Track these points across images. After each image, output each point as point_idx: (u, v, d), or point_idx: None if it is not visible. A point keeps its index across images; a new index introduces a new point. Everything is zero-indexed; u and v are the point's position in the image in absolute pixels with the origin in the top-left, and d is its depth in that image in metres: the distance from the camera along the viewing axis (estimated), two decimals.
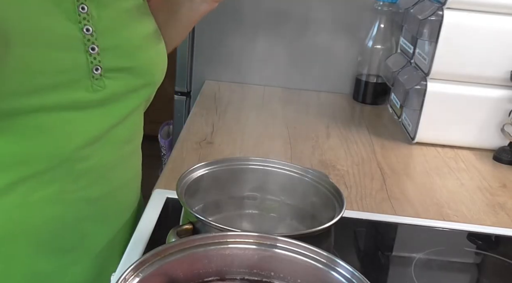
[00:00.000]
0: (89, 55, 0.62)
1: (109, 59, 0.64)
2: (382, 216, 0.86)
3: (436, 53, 1.08)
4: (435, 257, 0.77)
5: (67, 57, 0.60)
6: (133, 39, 0.69)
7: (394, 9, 1.30)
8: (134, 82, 0.69)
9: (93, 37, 0.62)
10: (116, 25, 0.66)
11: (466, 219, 0.87)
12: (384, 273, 0.75)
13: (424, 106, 1.12)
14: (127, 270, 0.49)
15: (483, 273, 0.80)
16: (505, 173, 1.07)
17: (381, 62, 1.36)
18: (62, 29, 0.60)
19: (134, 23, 0.69)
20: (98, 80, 0.63)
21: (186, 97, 1.48)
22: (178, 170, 0.82)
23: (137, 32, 0.70)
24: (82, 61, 0.61)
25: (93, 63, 0.62)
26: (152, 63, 0.71)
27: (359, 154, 1.09)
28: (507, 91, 1.11)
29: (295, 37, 1.40)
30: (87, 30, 0.61)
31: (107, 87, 0.64)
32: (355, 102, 1.41)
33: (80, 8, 0.61)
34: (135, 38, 0.69)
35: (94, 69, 0.62)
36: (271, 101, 1.36)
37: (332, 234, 0.71)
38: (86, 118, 0.63)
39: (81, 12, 0.61)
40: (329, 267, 0.53)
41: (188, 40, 1.42)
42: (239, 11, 1.39)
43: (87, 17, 0.61)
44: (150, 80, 0.71)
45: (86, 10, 0.61)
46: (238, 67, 1.44)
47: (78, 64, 0.61)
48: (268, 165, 0.81)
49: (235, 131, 1.14)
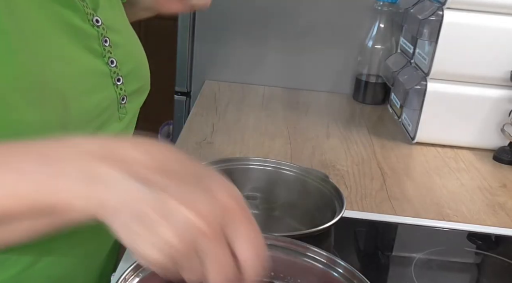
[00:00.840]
0: (116, 87, 0.60)
1: (130, 85, 0.63)
2: (382, 216, 0.86)
3: (436, 53, 1.08)
4: (435, 257, 0.77)
5: (101, 97, 0.58)
6: (141, 57, 0.68)
7: (394, 9, 1.30)
8: (142, 97, 0.68)
9: (117, 68, 0.60)
10: (128, 48, 0.65)
11: (466, 219, 0.87)
12: (384, 273, 0.75)
13: (424, 106, 1.12)
14: (127, 270, 0.49)
15: (483, 273, 0.80)
16: (505, 173, 1.07)
17: (381, 62, 1.36)
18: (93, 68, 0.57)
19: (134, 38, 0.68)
20: (122, 108, 0.62)
21: (186, 97, 1.48)
22: None
23: (138, 46, 0.68)
24: (113, 96, 0.59)
25: (121, 94, 0.61)
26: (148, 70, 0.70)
27: (359, 154, 1.09)
28: (507, 91, 1.11)
29: (295, 37, 1.40)
30: (111, 63, 0.59)
31: (128, 112, 0.63)
32: (355, 102, 1.41)
33: (104, 41, 0.59)
34: (140, 54, 0.68)
35: (121, 99, 0.61)
36: (271, 101, 1.36)
37: (332, 234, 0.72)
38: None
39: (105, 45, 0.59)
40: (329, 267, 0.53)
41: (188, 40, 1.42)
42: (239, 11, 1.39)
43: (110, 49, 0.59)
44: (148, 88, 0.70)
45: (108, 42, 0.59)
46: (238, 67, 1.44)
47: (110, 101, 0.59)
48: (268, 165, 0.81)
49: (235, 131, 1.14)
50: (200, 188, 0.38)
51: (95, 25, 0.58)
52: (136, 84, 0.64)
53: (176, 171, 0.38)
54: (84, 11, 0.56)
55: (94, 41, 0.57)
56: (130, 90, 0.62)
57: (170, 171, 0.38)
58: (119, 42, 0.61)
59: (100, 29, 0.58)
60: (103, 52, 0.58)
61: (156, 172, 0.37)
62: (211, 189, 0.38)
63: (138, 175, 0.37)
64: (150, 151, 0.39)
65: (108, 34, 0.59)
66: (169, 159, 0.39)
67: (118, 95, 0.60)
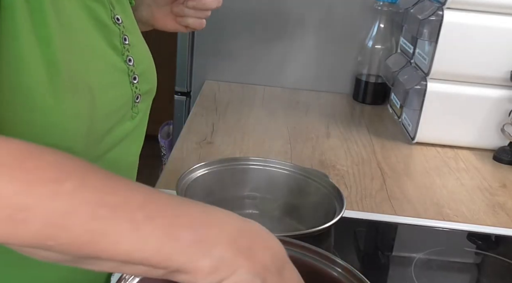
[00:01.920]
0: (132, 86, 0.61)
1: (144, 85, 0.64)
2: (382, 216, 0.86)
3: (436, 53, 1.08)
4: (435, 257, 0.77)
5: (120, 93, 0.59)
6: (150, 59, 0.68)
7: (394, 9, 1.30)
8: (151, 99, 0.69)
9: (134, 67, 0.61)
10: (141, 48, 0.66)
11: (466, 219, 0.87)
12: (384, 273, 0.75)
13: (424, 106, 1.12)
14: None
15: (483, 273, 0.80)
16: (505, 173, 1.07)
17: (381, 62, 1.36)
18: (114, 64, 0.58)
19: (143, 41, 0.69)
20: (135, 107, 0.62)
21: (186, 97, 1.48)
22: (178, 170, 0.82)
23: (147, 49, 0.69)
24: (129, 94, 0.60)
25: (136, 93, 0.61)
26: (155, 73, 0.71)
27: (359, 154, 1.09)
28: (507, 91, 1.11)
29: (295, 37, 1.40)
30: (129, 61, 0.60)
31: (140, 111, 0.64)
32: (355, 102, 1.41)
33: (123, 39, 0.60)
34: (150, 57, 0.69)
35: (136, 98, 0.62)
36: (271, 101, 1.36)
37: (332, 234, 0.72)
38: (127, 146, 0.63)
39: (125, 43, 0.60)
40: (329, 267, 0.53)
41: (188, 40, 1.42)
42: (239, 11, 1.39)
43: (128, 48, 0.60)
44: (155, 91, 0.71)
45: (128, 41, 0.60)
46: (238, 67, 1.44)
47: (127, 99, 0.60)
48: (268, 165, 0.81)
49: (235, 131, 1.14)
50: None
51: (116, 23, 0.59)
52: (148, 85, 0.65)
53: (287, 280, 0.41)
54: (109, 8, 0.58)
55: (116, 38, 0.58)
56: (143, 90, 0.63)
57: (283, 280, 0.40)
58: (134, 42, 0.62)
59: (121, 27, 0.59)
60: (123, 50, 0.59)
61: (273, 277, 0.40)
62: None
63: (260, 275, 0.39)
64: (273, 250, 0.41)
65: (127, 32, 0.60)
66: (283, 262, 0.41)
67: (133, 94, 0.61)
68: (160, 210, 0.39)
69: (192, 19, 0.78)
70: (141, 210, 0.38)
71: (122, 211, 0.38)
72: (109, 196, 0.38)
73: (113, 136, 0.59)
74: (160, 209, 0.39)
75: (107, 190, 0.38)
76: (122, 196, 0.39)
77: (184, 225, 0.38)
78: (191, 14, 0.77)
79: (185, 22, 0.78)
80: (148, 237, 0.37)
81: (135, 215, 0.38)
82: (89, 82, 0.52)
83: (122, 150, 0.61)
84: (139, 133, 0.66)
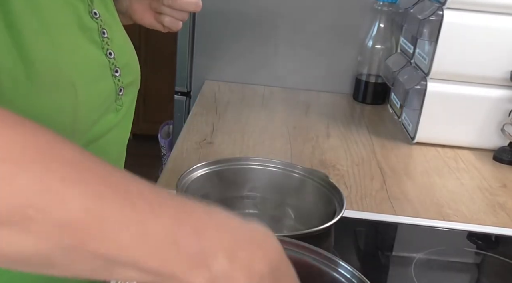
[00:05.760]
0: (115, 78, 0.62)
1: (126, 77, 0.64)
2: (382, 216, 0.86)
3: (436, 53, 1.08)
4: (435, 257, 0.77)
5: (103, 86, 0.60)
6: (132, 51, 0.69)
7: (394, 9, 1.30)
8: (135, 91, 0.69)
9: (115, 60, 0.62)
10: (122, 41, 0.66)
11: (466, 219, 0.87)
12: (384, 273, 0.75)
13: (424, 106, 1.12)
14: None
15: (483, 273, 0.80)
16: (505, 173, 1.07)
17: (381, 62, 1.37)
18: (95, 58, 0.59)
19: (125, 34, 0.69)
20: (119, 100, 0.63)
21: (186, 97, 1.48)
22: (178, 170, 0.82)
23: (129, 41, 0.70)
24: (112, 86, 0.61)
25: (118, 86, 0.62)
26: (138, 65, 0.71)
27: (359, 154, 1.09)
28: (507, 91, 1.11)
29: (295, 37, 1.40)
30: (110, 54, 0.61)
31: (124, 104, 0.64)
32: (355, 102, 1.41)
33: (102, 33, 0.61)
34: (132, 49, 0.69)
35: (119, 90, 0.63)
36: (271, 101, 1.36)
37: (332, 234, 0.71)
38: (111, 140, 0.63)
39: (103, 37, 0.61)
40: (329, 267, 0.53)
41: (188, 40, 1.42)
42: (239, 11, 1.39)
43: (108, 41, 0.61)
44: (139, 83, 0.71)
45: (106, 34, 0.61)
46: (238, 67, 1.44)
47: (110, 91, 0.61)
48: (268, 165, 0.81)
49: (235, 131, 1.14)
50: None
51: (93, 17, 0.60)
52: (130, 77, 0.66)
53: None
54: (87, 3, 0.59)
55: (94, 32, 0.59)
56: (126, 82, 0.64)
57: None
58: (114, 36, 0.63)
59: (98, 21, 0.60)
60: (102, 43, 0.60)
61: None
62: None
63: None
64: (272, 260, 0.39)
65: (105, 26, 0.61)
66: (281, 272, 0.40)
67: (116, 86, 0.62)
68: (164, 205, 0.35)
69: (168, 18, 0.77)
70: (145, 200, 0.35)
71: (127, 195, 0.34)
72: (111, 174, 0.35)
73: (98, 129, 0.59)
74: (163, 204, 0.36)
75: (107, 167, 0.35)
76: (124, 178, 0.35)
77: (186, 229, 0.36)
78: (167, 12, 0.77)
79: (161, 20, 0.78)
80: (150, 235, 0.34)
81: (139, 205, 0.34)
82: (72, 77, 0.53)
83: (107, 141, 0.62)
84: (125, 126, 0.67)
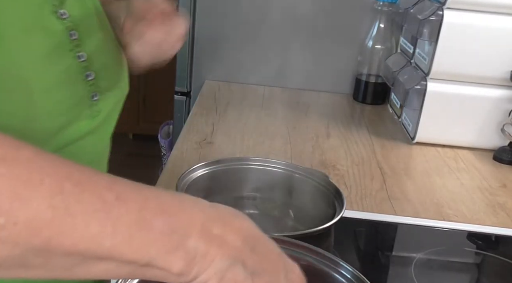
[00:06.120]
0: (86, 83, 0.58)
1: (103, 81, 0.61)
2: (382, 216, 0.86)
3: (436, 53, 1.08)
4: (435, 257, 0.77)
5: (69, 92, 0.56)
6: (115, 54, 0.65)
7: (394, 9, 1.30)
8: (119, 96, 0.65)
9: (87, 63, 0.58)
10: (100, 43, 0.62)
11: (466, 219, 0.87)
12: (384, 273, 0.75)
13: (424, 106, 1.12)
14: None
15: (483, 273, 0.80)
16: (505, 173, 1.07)
17: (381, 62, 1.36)
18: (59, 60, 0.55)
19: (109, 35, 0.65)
20: (94, 106, 0.60)
21: (186, 97, 1.48)
22: (178, 170, 0.82)
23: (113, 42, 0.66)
24: (82, 92, 0.58)
25: (91, 91, 0.59)
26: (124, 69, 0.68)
27: (359, 154, 1.09)
28: (507, 91, 1.11)
29: (295, 37, 1.40)
30: (80, 57, 0.57)
31: (102, 110, 0.61)
32: (355, 102, 1.41)
33: (70, 35, 0.56)
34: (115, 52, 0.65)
35: (92, 96, 0.60)
36: (271, 101, 1.36)
37: (332, 234, 0.72)
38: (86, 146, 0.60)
39: (72, 39, 0.56)
40: (329, 267, 0.53)
41: (188, 40, 1.42)
42: (239, 11, 1.39)
43: (78, 43, 0.57)
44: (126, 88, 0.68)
45: (77, 36, 0.57)
46: (238, 67, 1.44)
47: (79, 97, 0.57)
48: (268, 165, 0.81)
49: (235, 131, 1.14)
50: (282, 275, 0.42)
51: (60, 18, 0.56)
52: (109, 82, 0.62)
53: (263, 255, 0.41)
54: (51, 3, 0.55)
55: (60, 34, 0.56)
56: (103, 86, 0.61)
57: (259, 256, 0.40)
58: (88, 37, 0.59)
59: (66, 21, 0.56)
60: (70, 45, 0.56)
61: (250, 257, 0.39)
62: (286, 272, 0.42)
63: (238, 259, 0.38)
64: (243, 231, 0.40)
65: (76, 28, 0.57)
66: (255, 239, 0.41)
67: (88, 91, 0.59)
68: (129, 192, 0.36)
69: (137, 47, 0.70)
70: (110, 190, 0.34)
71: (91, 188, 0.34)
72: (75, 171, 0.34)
73: (67, 135, 0.56)
74: (128, 191, 0.36)
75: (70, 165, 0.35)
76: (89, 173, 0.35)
77: (155, 211, 0.36)
78: None
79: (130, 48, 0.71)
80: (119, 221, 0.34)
81: (105, 195, 0.34)
82: (28, 81, 0.51)
83: (80, 148, 0.59)
84: (104, 132, 0.64)
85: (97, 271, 0.35)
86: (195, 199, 0.39)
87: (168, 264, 0.35)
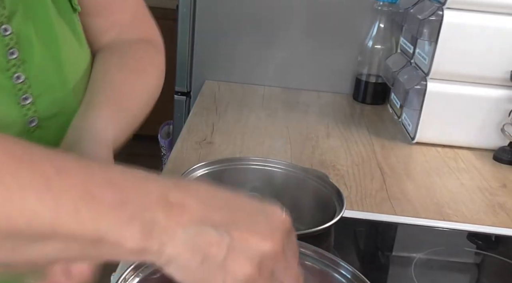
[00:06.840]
0: (22, 107, 0.53)
1: (44, 107, 0.56)
2: (382, 216, 0.86)
3: (436, 53, 1.08)
4: (435, 257, 0.77)
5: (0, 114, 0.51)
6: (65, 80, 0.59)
7: (394, 9, 1.30)
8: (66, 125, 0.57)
9: (26, 85, 0.53)
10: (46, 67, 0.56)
11: (466, 219, 0.87)
12: (384, 273, 0.75)
13: (424, 106, 1.12)
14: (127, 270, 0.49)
15: (483, 273, 0.80)
16: (505, 173, 1.07)
17: (381, 62, 1.36)
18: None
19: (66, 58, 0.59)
20: (34, 133, 0.55)
21: (186, 97, 1.48)
22: (178, 170, 0.82)
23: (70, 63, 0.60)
24: (16, 116, 0.53)
25: (27, 116, 0.54)
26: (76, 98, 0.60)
27: (359, 154, 1.09)
28: (507, 91, 1.11)
29: (295, 37, 1.40)
30: (17, 78, 0.53)
31: (42, 139, 0.55)
32: (355, 102, 1.41)
33: (9, 53, 0.52)
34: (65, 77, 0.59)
35: (29, 122, 0.54)
36: (271, 101, 1.36)
37: (332, 234, 0.72)
38: None
39: (10, 58, 0.52)
40: (329, 267, 0.53)
41: (188, 40, 1.42)
42: (239, 11, 1.39)
43: (17, 63, 0.53)
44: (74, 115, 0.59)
45: (16, 54, 0.53)
46: (238, 67, 1.44)
47: (12, 121, 0.52)
48: (268, 165, 0.81)
49: (235, 131, 1.14)
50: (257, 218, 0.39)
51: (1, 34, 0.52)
52: (53, 109, 0.57)
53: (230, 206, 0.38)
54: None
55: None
56: (45, 112, 0.56)
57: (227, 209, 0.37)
58: (34, 58, 0.55)
59: (6, 39, 0.52)
60: (7, 65, 0.52)
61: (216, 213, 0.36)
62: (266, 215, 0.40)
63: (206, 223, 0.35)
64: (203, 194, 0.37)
65: (19, 46, 0.53)
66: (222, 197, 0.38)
67: (24, 117, 0.54)
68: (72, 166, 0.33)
69: None
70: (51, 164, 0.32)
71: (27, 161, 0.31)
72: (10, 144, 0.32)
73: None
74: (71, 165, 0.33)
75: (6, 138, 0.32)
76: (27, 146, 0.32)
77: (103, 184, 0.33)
78: None
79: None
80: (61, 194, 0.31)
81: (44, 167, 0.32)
82: None
83: None
84: None
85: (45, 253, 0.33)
86: (147, 172, 0.36)
87: (122, 238, 0.32)
